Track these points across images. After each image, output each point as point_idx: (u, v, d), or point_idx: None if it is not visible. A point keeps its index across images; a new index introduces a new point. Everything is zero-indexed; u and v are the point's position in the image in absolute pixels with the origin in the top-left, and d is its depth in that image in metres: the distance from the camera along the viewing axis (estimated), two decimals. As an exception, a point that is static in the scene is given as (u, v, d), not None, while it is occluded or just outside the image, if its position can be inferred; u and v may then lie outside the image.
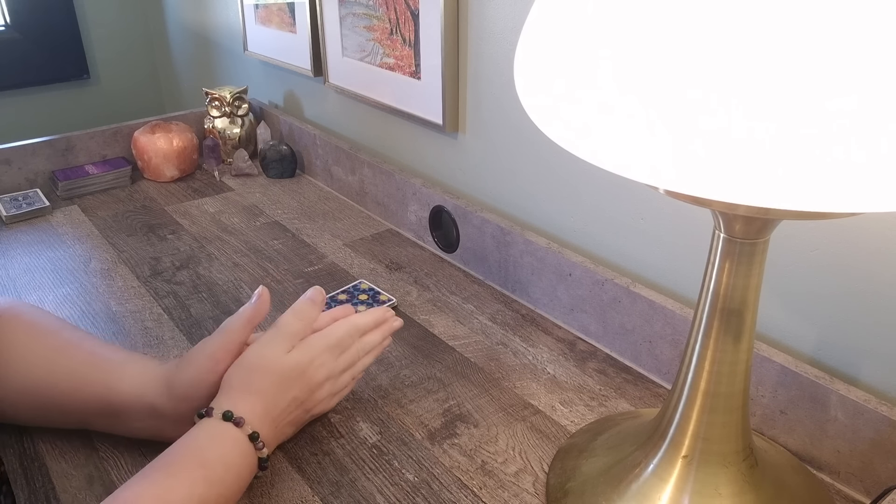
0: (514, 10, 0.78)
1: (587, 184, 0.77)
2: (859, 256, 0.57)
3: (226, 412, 0.53)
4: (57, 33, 1.72)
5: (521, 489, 0.58)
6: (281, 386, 0.56)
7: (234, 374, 0.56)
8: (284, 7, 1.17)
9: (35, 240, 0.98)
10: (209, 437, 0.52)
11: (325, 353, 0.59)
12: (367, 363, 0.63)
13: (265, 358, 0.57)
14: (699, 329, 0.50)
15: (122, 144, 1.20)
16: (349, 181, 1.09)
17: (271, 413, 0.56)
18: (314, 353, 0.58)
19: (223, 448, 0.52)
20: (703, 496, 0.51)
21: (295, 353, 0.57)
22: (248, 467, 0.53)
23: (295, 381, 0.57)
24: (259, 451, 0.54)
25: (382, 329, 0.64)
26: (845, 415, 0.56)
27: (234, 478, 0.51)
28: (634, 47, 0.33)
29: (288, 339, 0.58)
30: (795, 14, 0.29)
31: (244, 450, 0.53)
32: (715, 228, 0.47)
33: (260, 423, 0.54)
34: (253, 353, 0.57)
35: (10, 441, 0.62)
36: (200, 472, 0.49)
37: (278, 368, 0.56)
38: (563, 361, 0.73)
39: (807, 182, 0.30)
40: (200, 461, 0.50)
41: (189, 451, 0.51)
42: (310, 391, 0.58)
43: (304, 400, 0.58)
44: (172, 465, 0.49)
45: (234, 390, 0.55)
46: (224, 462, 0.51)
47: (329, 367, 0.59)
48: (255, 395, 0.55)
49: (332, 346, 0.59)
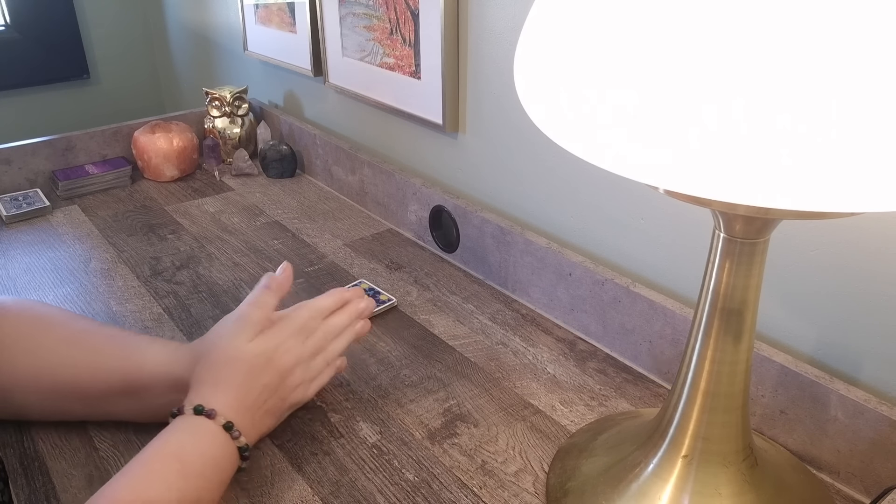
0: (514, 10, 0.78)
1: (587, 183, 0.77)
2: (859, 256, 0.57)
3: (196, 406, 0.53)
4: (57, 33, 1.72)
5: (521, 489, 0.58)
6: (249, 374, 0.56)
7: (202, 370, 0.56)
8: (284, 7, 1.17)
9: (35, 240, 0.98)
10: (184, 432, 0.52)
11: (290, 338, 0.59)
12: (339, 347, 0.63)
13: (230, 349, 0.57)
14: (699, 329, 0.50)
15: (122, 144, 1.20)
16: (349, 181, 1.09)
17: (244, 402, 0.55)
18: (279, 339, 0.58)
19: (199, 441, 0.52)
20: (703, 496, 0.51)
21: (258, 340, 0.57)
22: (228, 458, 0.53)
23: (263, 368, 0.57)
24: (237, 441, 0.54)
25: (348, 310, 0.64)
26: (845, 415, 0.56)
27: (213, 470, 0.51)
28: (634, 47, 0.33)
29: (249, 328, 0.58)
30: (796, 14, 0.29)
31: (221, 441, 0.53)
32: (715, 228, 0.47)
33: (234, 413, 0.54)
34: (217, 346, 0.57)
35: (10, 440, 0.62)
36: (177, 467, 0.49)
37: (244, 357, 0.56)
38: (564, 361, 0.73)
39: (807, 182, 0.30)
40: (177, 456, 0.50)
41: (165, 447, 0.51)
42: (280, 377, 0.58)
43: (277, 387, 0.58)
44: (149, 462, 0.49)
45: (203, 384, 0.55)
46: (201, 455, 0.51)
47: (296, 352, 0.59)
48: (224, 385, 0.55)
49: (296, 331, 0.59)
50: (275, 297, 0.61)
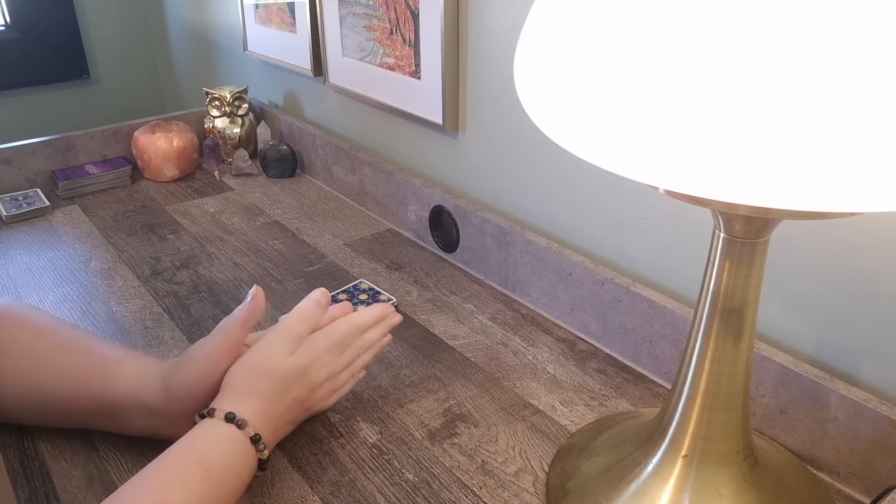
0: (514, 10, 0.78)
1: (587, 183, 0.77)
2: (859, 256, 0.57)
3: (228, 413, 0.53)
4: (57, 33, 1.72)
5: (521, 489, 0.58)
6: (283, 388, 0.56)
7: (236, 375, 0.56)
8: (284, 7, 1.17)
9: (35, 239, 0.98)
10: (210, 438, 0.52)
11: (327, 353, 0.59)
12: (366, 360, 0.63)
13: (268, 360, 0.56)
14: (699, 329, 0.50)
15: (122, 144, 1.20)
16: (349, 181, 1.09)
17: (272, 414, 0.56)
18: (316, 354, 0.58)
19: (224, 449, 0.52)
20: (703, 496, 0.51)
21: (297, 354, 0.57)
22: (249, 468, 0.53)
23: (296, 382, 0.57)
24: (260, 454, 0.54)
25: (382, 326, 0.64)
26: (845, 414, 0.56)
27: (234, 478, 0.51)
28: (634, 47, 0.33)
29: (291, 342, 0.58)
30: (796, 14, 0.29)
31: (245, 451, 0.53)
32: (715, 228, 0.47)
33: (261, 424, 0.54)
34: (256, 354, 0.57)
35: (10, 441, 0.62)
36: (200, 474, 0.49)
37: (281, 371, 0.56)
38: (564, 361, 0.73)
39: (807, 182, 0.30)
40: (201, 462, 0.50)
41: (189, 453, 0.51)
42: (310, 391, 0.58)
43: (305, 399, 0.58)
44: (171, 467, 0.49)
45: (236, 391, 0.55)
46: (225, 463, 0.51)
47: (330, 367, 0.59)
48: (257, 397, 0.55)
49: (334, 346, 0.59)
50: (321, 313, 0.60)
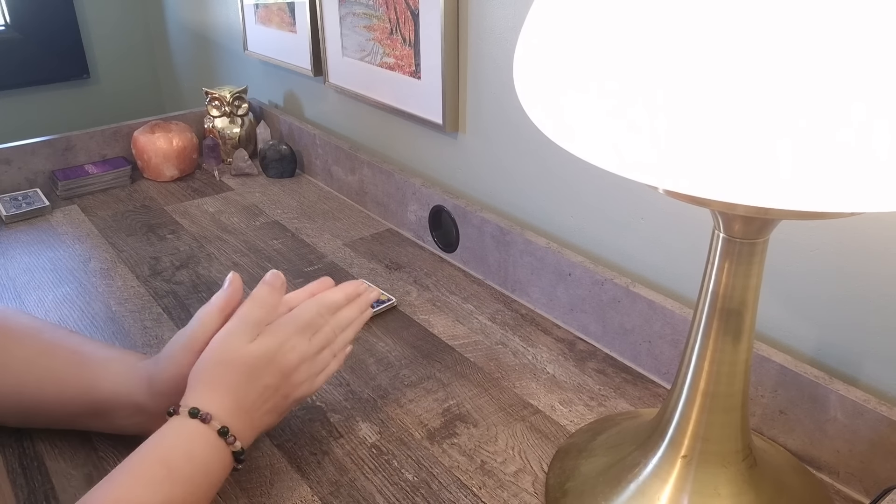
0: (514, 10, 0.78)
1: (587, 183, 0.77)
2: (859, 256, 0.57)
3: (191, 409, 0.52)
4: (57, 33, 1.72)
5: (520, 489, 0.58)
6: (249, 376, 0.54)
7: (200, 369, 0.55)
8: (284, 7, 1.17)
9: (35, 239, 0.98)
10: (176, 435, 0.51)
11: (295, 335, 0.56)
12: (347, 338, 0.60)
13: (229, 350, 0.55)
14: (699, 329, 0.50)
15: (122, 144, 1.20)
16: (349, 181, 1.09)
17: (242, 405, 0.54)
18: (282, 338, 0.56)
19: (190, 446, 0.50)
20: (702, 496, 0.51)
21: (260, 340, 0.55)
22: (220, 463, 0.52)
23: (264, 369, 0.55)
24: (231, 446, 0.52)
25: (358, 303, 0.61)
26: (845, 415, 0.56)
27: (203, 476, 0.50)
28: (634, 46, 0.33)
29: (250, 328, 0.56)
30: (796, 14, 0.29)
31: (213, 445, 0.51)
32: (715, 228, 0.47)
33: (230, 416, 0.53)
34: (216, 345, 0.55)
35: (10, 441, 0.62)
36: (163, 473, 0.48)
37: (244, 359, 0.54)
38: (563, 361, 0.73)
39: (807, 182, 0.30)
40: (164, 461, 0.49)
41: (153, 451, 0.50)
42: (283, 376, 0.56)
43: (279, 385, 0.56)
44: (135, 466, 0.49)
45: (201, 385, 0.54)
46: (191, 460, 0.50)
47: (301, 350, 0.56)
48: (223, 389, 0.53)
49: (303, 328, 0.57)
50: (278, 296, 0.58)
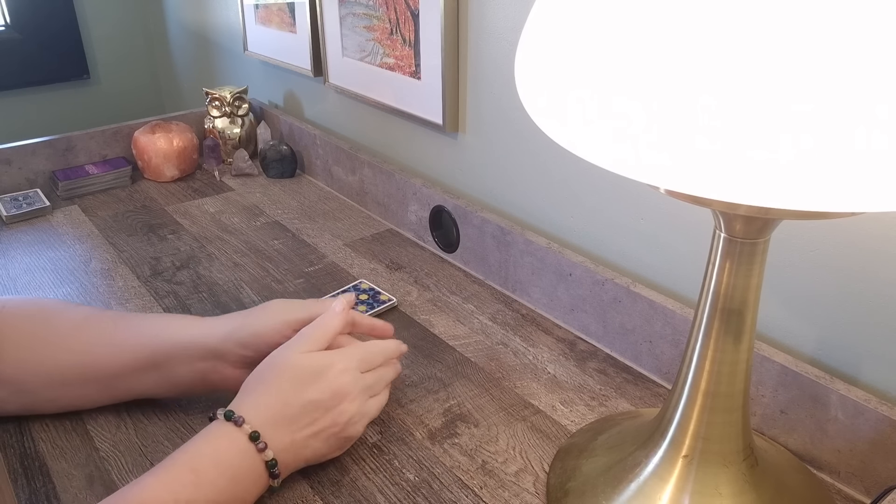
0: (514, 10, 0.78)
1: (587, 183, 0.77)
2: (859, 256, 0.57)
3: (227, 411, 0.52)
4: (57, 33, 1.72)
5: (521, 489, 0.58)
6: (294, 384, 0.53)
7: (251, 377, 0.56)
8: (284, 7, 1.17)
9: (35, 240, 0.98)
10: (206, 438, 0.51)
11: (349, 361, 0.56)
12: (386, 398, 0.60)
13: (280, 355, 0.55)
14: (699, 329, 0.50)
15: (122, 144, 1.20)
16: (349, 181, 1.09)
17: (284, 413, 0.52)
18: (335, 359, 0.55)
19: (218, 450, 0.50)
20: (703, 496, 0.51)
21: (314, 354, 0.55)
22: (249, 471, 0.50)
23: (312, 381, 0.54)
24: (262, 454, 0.51)
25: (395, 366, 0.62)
26: (845, 414, 0.56)
27: (229, 482, 0.49)
28: (634, 47, 0.33)
29: (307, 343, 0.56)
30: (796, 14, 0.29)
31: (243, 451, 0.50)
32: (715, 228, 0.47)
33: (266, 423, 0.51)
34: (272, 354, 0.56)
35: (11, 440, 0.62)
36: (189, 477, 0.48)
37: (292, 365, 0.54)
38: (564, 361, 0.73)
39: (807, 182, 0.30)
40: (192, 465, 0.49)
41: (184, 455, 0.50)
42: (333, 395, 0.54)
43: (329, 407, 0.54)
44: (163, 468, 0.48)
45: (246, 391, 0.54)
46: (218, 466, 0.49)
47: (353, 375, 0.55)
48: (264, 393, 0.53)
49: (358, 359, 0.57)
50: (341, 324, 0.58)
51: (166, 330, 0.60)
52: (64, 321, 0.61)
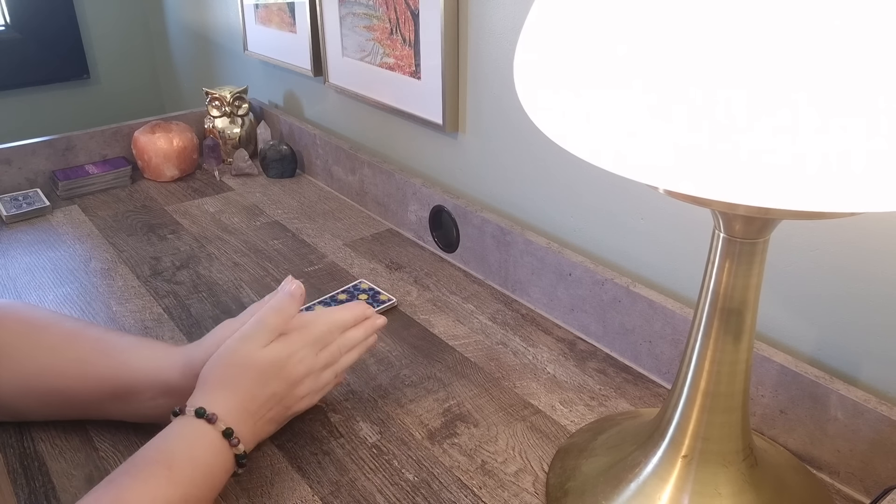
0: (514, 10, 0.78)
1: (587, 183, 0.77)
2: (859, 256, 0.57)
3: (198, 409, 0.52)
4: (57, 33, 1.72)
5: (520, 489, 0.58)
6: (259, 381, 0.55)
7: (210, 370, 0.55)
8: (284, 7, 1.17)
9: (35, 239, 0.98)
10: (180, 435, 0.51)
11: (305, 348, 0.58)
12: (349, 360, 0.62)
13: (242, 353, 0.56)
14: (699, 329, 0.50)
15: (122, 144, 1.20)
16: (349, 181, 1.09)
17: (249, 408, 0.55)
18: (293, 348, 0.57)
19: (193, 446, 0.51)
20: (702, 496, 0.51)
21: (273, 347, 0.56)
22: (222, 465, 0.52)
23: (274, 376, 0.56)
24: (234, 448, 0.53)
25: (365, 326, 0.63)
26: (845, 414, 0.56)
27: (204, 476, 0.50)
28: (634, 46, 0.33)
29: (266, 334, 0.57)
30: (795, 13, 0.29)
31: (217, 447, 0.52)
32: (715, 228, 0.47)
33: (236, 419, 0.53)
34: (230, 347, 0.56)
35: (10, 441, 0.62)
36: (164, 473, 0.48)
37: (256, 363, 0.55)
38: (563, 361, 0.73)
39: (807, 182, 0.30)
40: (166, 461, 0.49)
41: (156, 451, 0.50)
42: (289, 386, 0.57)
43: (284, 396, 0.57)
44: (137, 466, 0.49)
45: (209, 386, 0.54)
46: (193, 461, 0.50)
47: (309, 363, 0.58)
48: (232, 390, 0.54)
49: (313, 342, 0.59)
50: (296, 306, 0.59)
51: (130, 364, 0.59)
52: (48, 338, 0.60)
